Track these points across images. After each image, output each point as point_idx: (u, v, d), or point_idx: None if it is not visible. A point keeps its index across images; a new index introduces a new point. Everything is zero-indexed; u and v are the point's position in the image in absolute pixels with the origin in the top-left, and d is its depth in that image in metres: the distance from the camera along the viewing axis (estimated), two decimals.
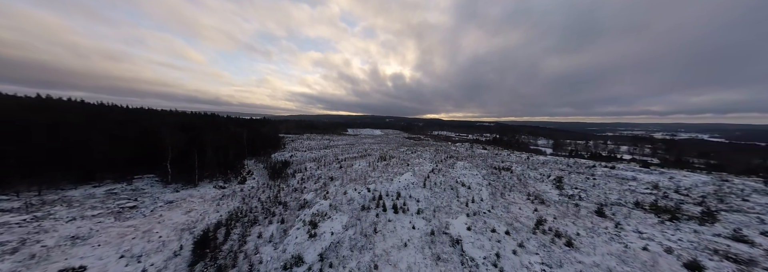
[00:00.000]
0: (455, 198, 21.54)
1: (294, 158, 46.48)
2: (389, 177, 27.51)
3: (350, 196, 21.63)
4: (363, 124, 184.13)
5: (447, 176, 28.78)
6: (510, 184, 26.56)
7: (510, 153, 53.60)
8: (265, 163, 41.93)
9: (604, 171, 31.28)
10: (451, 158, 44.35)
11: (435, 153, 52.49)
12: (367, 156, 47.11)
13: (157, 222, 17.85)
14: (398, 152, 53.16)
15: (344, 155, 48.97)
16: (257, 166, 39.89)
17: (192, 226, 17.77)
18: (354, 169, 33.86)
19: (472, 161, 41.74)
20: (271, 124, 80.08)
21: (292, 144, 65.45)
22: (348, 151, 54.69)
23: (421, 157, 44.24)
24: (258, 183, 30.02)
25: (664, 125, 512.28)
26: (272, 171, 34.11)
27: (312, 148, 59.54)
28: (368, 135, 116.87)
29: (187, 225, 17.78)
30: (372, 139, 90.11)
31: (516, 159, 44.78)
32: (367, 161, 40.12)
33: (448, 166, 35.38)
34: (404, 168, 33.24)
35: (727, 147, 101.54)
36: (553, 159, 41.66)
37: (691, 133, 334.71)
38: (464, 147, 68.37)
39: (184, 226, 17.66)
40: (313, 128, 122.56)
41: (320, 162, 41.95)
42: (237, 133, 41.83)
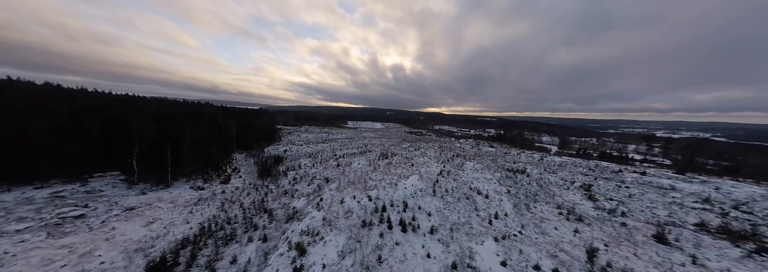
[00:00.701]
0: (474, 212, 17.82)
1: (289, 153, 42.61)
2: (393, 181, 23.73)
3: (348, 206, 17.88)
4: (363, 116, 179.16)
5: (458, 180, 25.01)
6: (532, 192, 22.83)
7: (520, 152, 49.82)
8: (256, 158, 38.08)
9: (635, 178, 27.57)
10: (457, 157, 40.54)
11: (440, 150, 48.66)
12: (367, 152, 43.28)
13: (105, 238, 14.08)
14: (400, 149, 49.32)
15: (343, 151, 45.11)
16: (247, 162, 36.02)
17: (149, 245, 14.04)
18: (353, 169, 30.08)
19: (481, 161, 37.97)
20: (267, 115, 75.57)
21: (288, 137, 61.42)
22: (347, 146, 50.80)
23: (426, 156, 40.41)
24: (244, 183, 26.25)
25: (665, 123, 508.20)
26: (262, 169, 30.29)
27: (309, 142, 55.58)
28: (368, 128, 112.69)
29: (143, 244, 14.04)
30: (372, 133, 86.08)
31: (528, 160, 41.02)
32: (367, 159, 36.31)
33: (456, 167, 31.60)
34: (408, 169, 29.45)
35: (738, 147, 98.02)
36: (571, 161, 37.88)
37: (692, 131, 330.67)
38: (469, 144, 64.53)
39: (138, 245, 13.92)
40: (312, 120, 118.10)
41: (316, 158, 38.10)
42: (226, 124, 37.61)
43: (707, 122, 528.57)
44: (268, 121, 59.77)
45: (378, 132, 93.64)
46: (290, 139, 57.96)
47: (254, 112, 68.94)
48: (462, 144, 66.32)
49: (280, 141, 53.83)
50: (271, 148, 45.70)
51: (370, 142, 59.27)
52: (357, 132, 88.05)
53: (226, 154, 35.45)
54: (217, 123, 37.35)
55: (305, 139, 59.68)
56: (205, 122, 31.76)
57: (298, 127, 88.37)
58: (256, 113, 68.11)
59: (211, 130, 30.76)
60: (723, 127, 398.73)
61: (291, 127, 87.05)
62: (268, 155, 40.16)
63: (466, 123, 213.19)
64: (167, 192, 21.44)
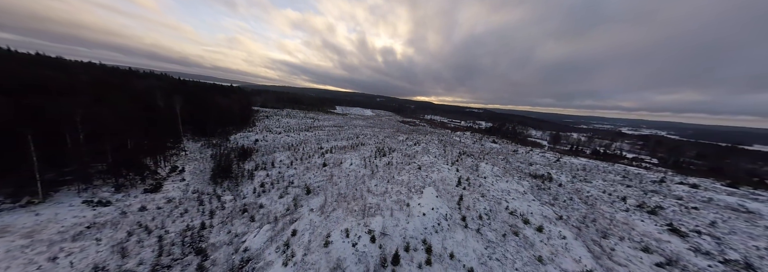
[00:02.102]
0: (537, 263, 11.14)
1: (262, 143, 33.79)
2: (401, 197, 16.53)
3: (337, 254, 10.48)
4: (353, 101, 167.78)
5: (487, 196, 18.30)
6: (587, 217, 16.66)
7: (528, 151, 44.32)
8: (217, 149, 29.10)
9: (689, 193, 22.45)
10: (466, 156, 33.99)
11: (442, 146, 41.93)
12: (360, 146, 35.50)
13: None
14: (397, 142, 41.99)
15: (331, 142, 36.94)
16: (201, 155, 27.03)
17: None
18: (344, 171, 22.42)
19: (494, 161, 31.73)
20: (239, 93, 63.74)
21: (265, 122, 51.64)
22: (335, 137, 42.55)
23: (429, 153, 33.44)
24: (184, 191, 17.85)
25: (629, 120, 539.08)
26: (218, 167, 21.72)
27: (290, 129, 46.50)
28: (358, 115, 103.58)
29: None
30: (363, 121, 77.59)
31: (543, 161, 35.38)
32: (360, 156, 28.65)
33: (472, 171, 24.96)
34: (416, 174, 22.30)
35: (720, 149, 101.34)
36: (593, 165, 32.61)
37: (651, 129, 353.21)
38: (470, 138, 58.45)
39: None
40: (296, 103, 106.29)
41: (297, 152, 29.79)
42: (168, 102, 27.38)
43: (663, 121, 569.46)
44: (239, 101, 49.20)
45: (369, 120, 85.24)
46: (267, 125, 48.39)
47: (221, 89, 57.07)
48: (461, 137, 60.22)
49: (254, 127, 44.27)
50: (239, 136, 36.42)
51: (361, 132, 51.26)
52: (346, 119, 79.07)
53: (170, 145, 26.12)
54: (147, 99, 27.02)
55: (285, 125, 50.35)
56: (126, 98, 21.64)
57: (279, 109, 77.53)
58: (224, 90, 56.38)
59: (135, 109, 20.94)
60: (676, 126, 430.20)
61: (270, 109, 76.09)
62: (234, 146, 31.20)
63: (455, 113, 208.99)
64: (32, 214, 12.73)
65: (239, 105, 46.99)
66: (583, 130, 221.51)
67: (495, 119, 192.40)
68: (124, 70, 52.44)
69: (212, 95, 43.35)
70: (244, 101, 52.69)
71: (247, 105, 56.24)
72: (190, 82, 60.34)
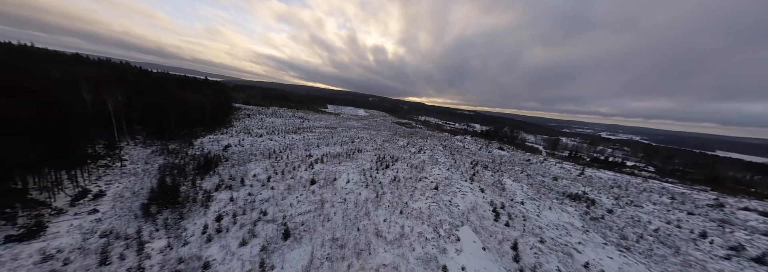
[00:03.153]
0: None
1: (235, 149, 26.95)
2: (428, 251, 10.77)
3: None
4: (345, 100, 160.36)
5: (546, 240, 12.84)
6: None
7: (543, 160, 39.83)
8: (172, 158, 22.06)
9: (760, 220, 18.12)
10: (480, 167, 28.74)
11: (449, 153, 36.60)
12: (356, 152, 29.41)
13: None
14: (398, 148, 36.21)
15: (322, 148, 30.58)
16: (147, 167, 19.94)
17: None
18: (339, 194, 16.35)
19: (514, 175, 26.67)
20: (217, 88, 55.30)
21: (246, 122, 44.31)
22: (327, 140, 36.16)
23: (439, 163, 27.93)
24: (85, 236, 11.14)
25: (606, 125, 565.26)
26: (159, 187, 14.95)
27: (274, 131, 39.59)
28: (351, 115, 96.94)
29: None
30: (357, 122, 71.26)
31: (564, 173, 30.79)
32: (359, 168, 22.58)
33: (498, 191, 19.62)
34: (433, 196, 16.59)
35: (687, 154, 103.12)
36: (624, 181, 28.25)
37: (627, 134, 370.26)
38: (474, 144, 53.64)
39: None
40: (284, 100, 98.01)
41: (279, 162, 23.26)
42: (102, 96, 19.95)
43: (636, 126, 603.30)
44: (214, 97, 41.58)
45: (363, 120, 78.97)
46: (247, 125, 41.16)
47: (193, 82, 48.47)
48: (463, 142, 55.35)
49: (231, 128, 37.01)
50: (208, 140, 29.30)
51: (356, 135, 45.09)
52: (339, 119, 72.41)
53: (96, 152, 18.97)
54: (60, 91, 19.36)
55: (269, 126, 43.30)
56: None
57: (264, 107, 69.65)
58: (196, 84, 47.96)
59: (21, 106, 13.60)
60: (648, 132, 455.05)
61: (254, 106, 68.13)
62: (197, 153, 24.22)
63: (447, 115, 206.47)
64: None
65: (214, 101, 39.45)
66: (567, 133, 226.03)
67: (487, 122, 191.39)
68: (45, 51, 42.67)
69: (177, 88, 35.56)
70: (220, 97, 44.99)
71: (226, 101, 48.49)
72: (157, 73, 51.59)
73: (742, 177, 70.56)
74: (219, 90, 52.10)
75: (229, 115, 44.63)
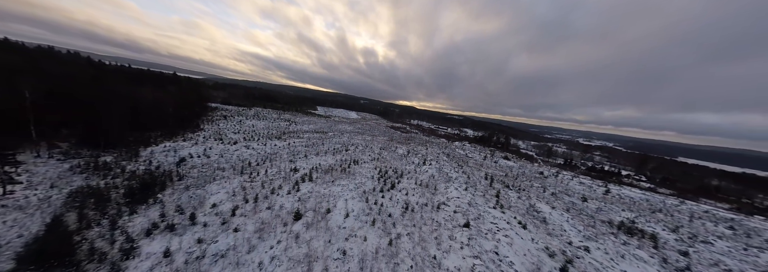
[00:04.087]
0: None
1: (198, 160, 20.80)
2: None
3: None
4: (335, 102, 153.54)
5: None
6: None
7: (556, 172, 36.33)
8: (101, 176, 15.72)
9: None
10: (497, 183, 24.41)
11: (455, 164, 32.18)
12: (352, 165, 24.09)
13: None
14: (398, 157, 31.26)
15: (310, 159, 24.95)
16: (53, 193, 13.51)
17: None
18: (335, 237, 10.99)
19: (538, 193, 22.54)
20: (189, 84, 47.50)
21: (220, 124, 37.66)
22: (317, 148, 30.53)
23: (451, 180, 23.29)
24: None
25: (581, 132, 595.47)
26: (46, 236, 8.90)
27: (253, 136, 33.40)
28: (343, 118, 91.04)
29: None
30: (350, 126, 65.74)
31: (587, 191, 27.14)
32: (359, 189, 17.33)
33: (541, 226, 15.16)
34: (468, 244, 11.80)
35: (658, 160, 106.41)
36: (661, 203, 24.80)
37: (601, 140, 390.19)
38: (477, 153, 49.77)
39: None
40: (270, 100, 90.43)
41: (253, 180, 17.45)
42: None
43: (608, 133, 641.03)
44: (183, 95, 34.71)
45: (355, 124, 73.50)
46: (221, 129, 34.63)
47: (155, 77, 40.52)
48: (464, 150, 51.43)
49: (199, 132, 30.42)
50: (164, 148, 22.81)
51: (350, 141, 39.72)
52: (330, 122, 66.54)
53: None
54: None
55: (249, 130, 36.98)
56: None
57: (245, 108, 62.42)
58: (159, 79, 40.07)
59: None
60: (618, 138, 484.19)
61: (235, 107, 60.81)
62: (140, 168, 17.90)
63: (438, 119, 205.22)
64: None
65: (181, 100, 32.66)
66: (548, 139, 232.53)
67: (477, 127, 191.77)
68: None
69: (130, 83, 28.57)
70: (191, 95, 38.03)
71: (198, 100, 41.43)
72: (113, 65, 43.48)
73: (725, 185, 72.15)
74: (191, 87, 44.79)
75: (201, 117, 37.74)
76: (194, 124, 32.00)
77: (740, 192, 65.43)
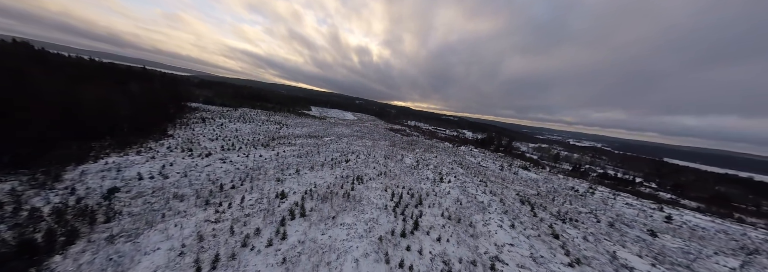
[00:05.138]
0: None
1: (147, 185, 14.91)
2: None
3: None
4: (330, 102, 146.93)
5: None
6: None
7: (589, 188, 31.86)
8: None
9: None
10: (537, 209, 19.55)
11: (477, 180, 27.22)
12: (356, 184, 18.64)
13: None
14: (408, 169, 26.00)
15: (303, 175, 19.32)
16: None
17: None
18: None
19: (593, 226, 17.84)
20: (163, 81, 40.66)
21: (196, 129, 31.49)
22: (311, 158, 24.86)
23: (483, 208, 18.28)
24: None
25: (570, 133, 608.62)
26: None
27: (235, 143, 27.46)
28: (339, 119, 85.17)
29: None
30: (347, 128, 60.10)
31: (642, 217, 22.59)
32: (370, 233, 11.96)
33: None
34: None
35: (655, 163, 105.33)
36: (742, 233, 20.37)
37: (590, 141, 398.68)
38: (491, 161, 44.99)
39: None
40: (260, 100, 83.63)
41: (216, 222, 11.77)
42: None
43: (595, 134, 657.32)
44: (149, 94, 28.40)
45: (353, 126, 67.88)
46: (194, 135, 28.53)
47: (108, 69, 32.76)
48: (474, 156, 46.67)
49: (165, 140, 24.25)
50: (104, 166, 16.72)
51: (349, 148, 34.25)
52: (325, 124, 60.71)
53: None
54: None
55: (230, 136, 31.01)
56: None
57: (231, 108, 55.86)
58: (118, 72, 32.56)
59: None
60: (605, 139, 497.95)
61: (218, 107, 54.20)
62: (55, 202, 11.93)
63: (434, 120, 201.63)
64: None
65: (147, 100, 26.37)
66: (540, 139, 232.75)
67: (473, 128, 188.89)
68: None
69: (64, 78, 22.13)
70: (161, 94, 31.65)
71: (175, 100, 34.96)
72: (60, 57, 36.33)
73: (730, 192, 70.16)
74: (165, 84, 38.11)
75: (175, 120, 31.45)
76: (161, 130, 25.82)
77: (754, 200, 63.36)
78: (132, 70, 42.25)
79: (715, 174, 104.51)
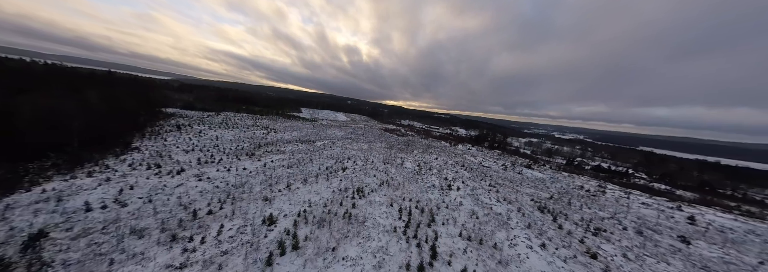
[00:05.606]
0: None
1: (96, 218, 11.68)
2: None
3: None
4: (321, 104, 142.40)
5: None
6: None
7: (599, 187, 30.53)
8: None
9: None
10: (563, 220, 17.70)
11: (485, 183, 25.20)
12: (358, 197, 15.99)
13: None
14: (410, 175, 23.61)
15: (295, 192, 16.35)
16: None
17: None
18: None
19: (625, 237, 16.15)
20: (132, 86, 36.09)
21: (168, 139, 27.84)
22: (304, 169, 21.90)
23: (504, 222, 16.22)
24: None
25: (554, 126, 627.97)
26: None
27: (212, 157, 24.09)
28: (331, 121, 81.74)
29: None
30: (340, 131, 57.11)
31: (665, 221, 21.26)
32: (385, 268, 9.56)
33: None
34: None
35: (639, 153, 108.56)
36: (764, 230, 19.28)
37: (572, 133, 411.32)
38: (492, 160, 43.34)
39: None
40: (246, 103, 78.94)
41: (182, 269, 8.94)
42: None
43: (577, 127, 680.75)
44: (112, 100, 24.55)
45: (346, 128, 64.89)
46: (166, 146, 24.97)
47: (64, 74, 27.83)
48: (474, 156, 44.94)
49: (129, 154, 20.67)
50: (39, 195, 13.31)
51: (344, 153, 31.51)
52: (317, 127, 57.45)
53: None
54: None
55: (209, 145, 27.57)
56: None
57: (212, 113, 51.64)
58: (72, 77, 27.72)
59: None
60: (587, 132, 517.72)
61: (199, 112, 49.92)
62: None
63: (426, 119, 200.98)
64: None
65: (107, 108, 22.58)
66: (527, 134, 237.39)
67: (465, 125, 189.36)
68: None
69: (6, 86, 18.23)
70: (127, 102, 27.72)
71: (145, 106, 30.96)
72: (16, 61, 31.44)
73: (711, 179, 72.30)
74: (137, 89, 33.82)
75: (143, 129, 27.68)
76: (124, 142, 22.20)
77: (732, 185, 65.39)
78: (95, 74, 37.48)
79: (695, 162, 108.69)
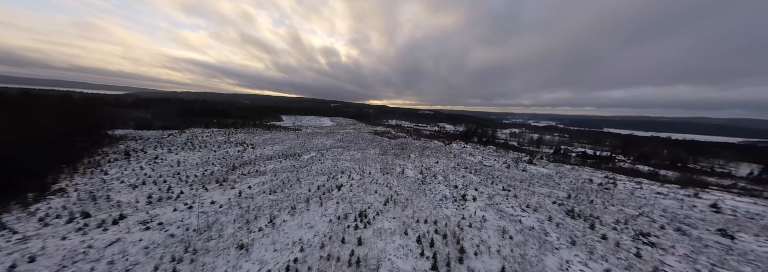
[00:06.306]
0: None
1: None
2: None
3: None
4: (303, 109, 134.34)
5: None
6: None
7: (610, 179, 29.15)
8: None
9: None
10: (601, 226, 15.35)
11: (496, 187, 22.57)
12: (363, 227, 12.32)
13: None
14: (415, 188, 20.33)
15: (282, 231, 12.17)
16: None
17: None
18: None
19: (669, 239, 14.12)
20: (46, 107, 28.44)
21: (112, 170, 22.12)
22: (291, 194, 17.69)
23: (538, 238, 13.46)
24: None
25: (528, 115, 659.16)
26: None
27: (169, 190, 19.02)
28: (316, 127, 76.28)
29: None
30: (327, 138, 52.51)
31: (690, 211, 19.86)
32: None
33: None
34: None
35: (614, 136, 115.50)
36: None
37: (545, 120, 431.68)
38: (494, 159, 41.25)
39: None
40: (217, 115, 70.94)
41: None
42: None
43: (548, 114, 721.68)
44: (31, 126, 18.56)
45: (334, 134, 60.25)
46: (104, 182, 19.49)
47: None
48: (472, 154, 42.75)
49: (44, 202, 15.22)
50: None
51: (336, 165, 27.45)
52: (301, 137, 52.34)
53: None
54: None
55: (166, 174, 22.31)
56: None
57: (175, 132, 44.70)
58: None
59: None
60: (556, 117, 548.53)
61: (158, 131, 42.92)
62: None
63: (412, 116, 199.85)
64: None
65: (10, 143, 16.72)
66: (506, 124, 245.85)
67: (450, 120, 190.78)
68: None
69: None
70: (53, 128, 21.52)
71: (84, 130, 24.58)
72: None
73: (675, 154, 77.15)
74: (71, 110, 26.83)
75: (77, 161, 21.77)
76: (42, 184, 16.61)
77: (694, 159, 70.05)
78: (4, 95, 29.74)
79: (657, 140, 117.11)
